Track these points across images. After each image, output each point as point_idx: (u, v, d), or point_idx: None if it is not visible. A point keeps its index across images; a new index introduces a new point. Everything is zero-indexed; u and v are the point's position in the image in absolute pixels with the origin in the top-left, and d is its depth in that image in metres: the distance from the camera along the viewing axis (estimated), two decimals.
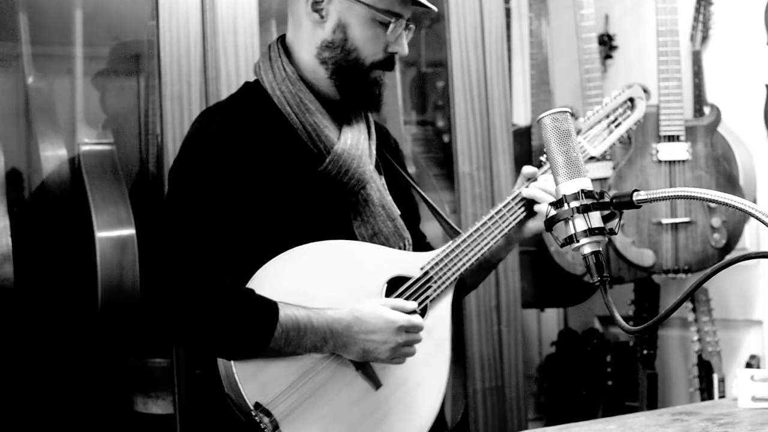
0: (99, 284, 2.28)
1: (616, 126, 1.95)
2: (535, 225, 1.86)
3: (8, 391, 2.36)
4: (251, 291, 1.59)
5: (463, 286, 1.92)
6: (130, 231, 2.33)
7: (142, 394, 2.49)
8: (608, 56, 3.48)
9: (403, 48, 1.75)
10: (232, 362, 1.56)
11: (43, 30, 2.65)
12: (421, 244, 1.94)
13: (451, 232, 1.88)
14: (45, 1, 2.73)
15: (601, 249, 1.32)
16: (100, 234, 2.30)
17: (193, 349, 2.14)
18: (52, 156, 2.49)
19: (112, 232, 2.32)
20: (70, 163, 2.50)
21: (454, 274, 1.78)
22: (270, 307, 1.57)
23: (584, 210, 1.30)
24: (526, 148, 3.12)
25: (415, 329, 1.65)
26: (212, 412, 1.71)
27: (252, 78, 1.85)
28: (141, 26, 2.64)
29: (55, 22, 2.70)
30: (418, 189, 1.94)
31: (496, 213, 1.82)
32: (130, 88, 2.75)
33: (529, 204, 1.84)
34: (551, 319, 3.79)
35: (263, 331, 1.55)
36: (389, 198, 1.81)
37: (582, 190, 1.31)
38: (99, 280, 2.28)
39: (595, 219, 1.31)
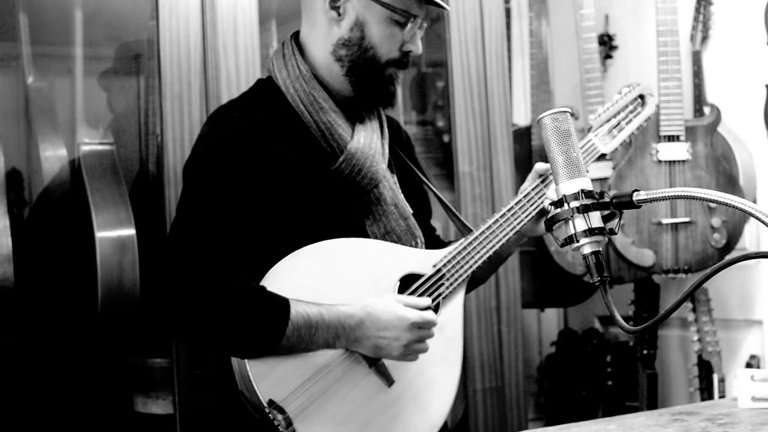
0: (99, 284, 2.28)
1: (627, 123, 1.94)
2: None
3: (8, 391, 2.36)
4: (263, 288, 1.59)
5: (473, 280, 1.92)
6: (130, 231, 2.33)
7: (142, 394, 2.49)
8: (608, 56, 3.48)
9: (418, 47, 1.77)
10: (246, 360, 1.56)
11: (43, 30, 2.65)
12: (431, 237, 1.94)
13: (463, 230, 1.88)
14: (45, 1, 2.73)
15: (601, 249, 1.32)
16: (100, 234, 2.30)
17: (203, 347, 2.14)
18: (52, 156, 2.49)
19: (112, 232, 2.32)
20: (70, 164, 2.49)
21: (466, 271, 1.78)
22: (282, 304, 1.57)
23: (584, 210, 1.30)
24: (526, 148, 3.12)
25: (428, 325, 1.65)
26: (216, 412, 1.71)
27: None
28: (141, 26, 2.64)
29: (55, 22, 2.70)
30: (431, 186, 1.94)
31: (508, 210, 1.82)
32: (130, 88, 2.75)
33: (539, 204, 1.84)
34: (551, 319, 3.79)
35: (275, 329, 1.55)
36: (401, 197, 1.82)
37: (582, 190, 1.31)
38: (99, 280, 2.27)
39: (595, 219, 1.31)
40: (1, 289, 2.17)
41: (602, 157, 1.91)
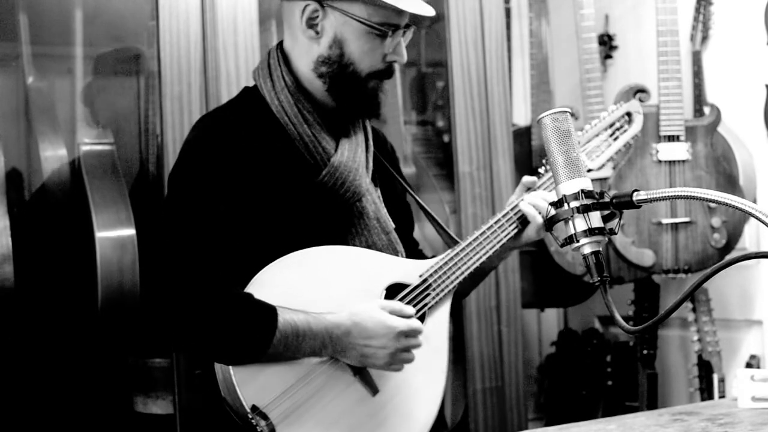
0: (99, 284, 2.28)
1: (614, 139, 1.97)
2: (528, 235, 1.86)
3: (8, 391, 2.36)
4: (250, 296, 1.58)
5: (454, 294, 1.92)
6: (130, 231, 2.33)
7: (142, 394, 2.49)
8: (608, 56, 3.48)
9: (402, 56, 1.74)
10: (229, 366, 1.56)
11: (43, 30, 2.65)
12: (413, 251, 1.94)
13: (449, 241, 1.88)
14: (45, 1, 2.73)
15: (601, 249, 1.32)
16: (100, 234, 2.30)
17: (191, 354, 2.14)
18: (52, 156, 2.49)
19: (112, 232, 2.32)
20: (70, 164, 2.49)
21: (452, 282, 1.77)
22: (269, 312, 1.56)
23: (584, 210, 1.30)
24: (526, 148, 3.12)
25: (414, 333, 1.64)
26: (212, 413, 1.71)
27: (251, 80, 1.84)
28: (141, 26, 2.64)
29: (55, 22, 2.70)
30: (417, 198, 1.93)
31: (495, 223, 1.83)
32: (130, 88, 2.75)
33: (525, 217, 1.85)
34: (551, 319, 3.79)
35: (262, 337, 1.55)
36: (384, 211, 1.81)
37: (582, 190, 1.31)
38: (99, 280, 2.28)
39: (595, 219, 1.31)
40: (1, 289, 2.18)
41: (589, 171, 1.93)
